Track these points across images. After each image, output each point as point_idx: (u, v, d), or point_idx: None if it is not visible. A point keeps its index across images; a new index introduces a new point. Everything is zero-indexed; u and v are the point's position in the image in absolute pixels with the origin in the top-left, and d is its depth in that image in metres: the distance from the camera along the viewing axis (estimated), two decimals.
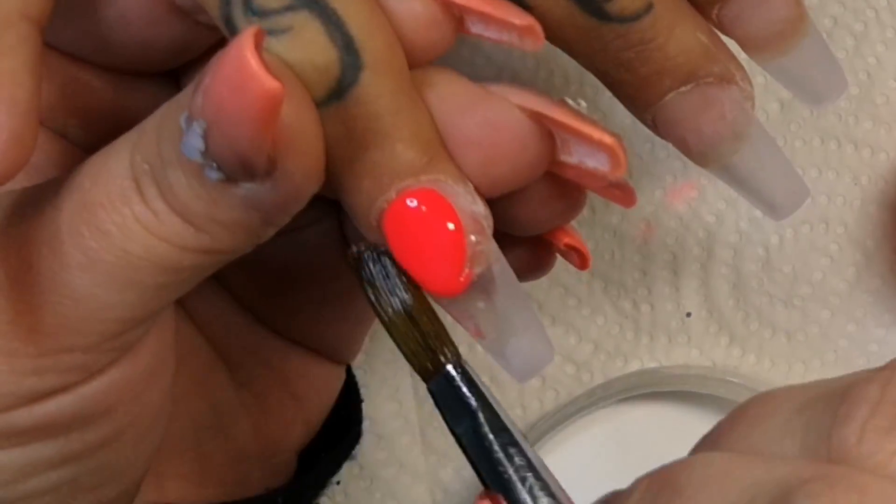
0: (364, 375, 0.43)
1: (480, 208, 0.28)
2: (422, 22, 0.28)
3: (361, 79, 0.27)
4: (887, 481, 0.22)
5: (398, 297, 0.28)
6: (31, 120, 0.26)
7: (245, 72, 0.24)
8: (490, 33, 0.29)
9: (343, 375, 0.38)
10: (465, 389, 0.28)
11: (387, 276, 0.28)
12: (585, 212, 0.41)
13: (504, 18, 0.28)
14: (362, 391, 0.43)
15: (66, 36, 0.31)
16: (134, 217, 0.26)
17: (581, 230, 0.43)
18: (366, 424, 0.43)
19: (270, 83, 0.24)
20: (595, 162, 0.27)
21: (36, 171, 0.31)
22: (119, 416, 0.29)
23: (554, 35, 0.29)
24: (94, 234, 0.27)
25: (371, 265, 0.28)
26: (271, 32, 0.26)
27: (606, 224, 0.44)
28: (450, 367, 0.28)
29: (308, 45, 0.26)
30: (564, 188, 0.30)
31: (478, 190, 0.28)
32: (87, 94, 0.32)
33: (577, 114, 0.28)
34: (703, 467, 0.24)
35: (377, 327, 0.43)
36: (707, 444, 0.26)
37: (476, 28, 0.29)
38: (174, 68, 0.33)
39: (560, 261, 0.34)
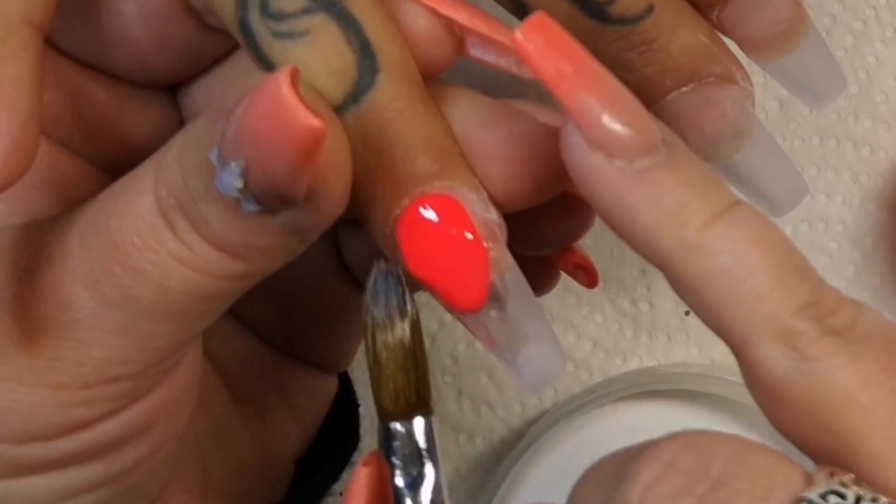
0: (363, 374, 0.43)
1: (494, 216, 0.27)
2: (424, 38, 0.28)
3: (377, 82, 0.26)
4: None
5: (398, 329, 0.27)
6: (33, 127, 0.26)
7: (285, 111, 0.23)
8: (489, 57, 0.28)
9: (336, 384, 0.38)
10: (430, 443, 0.27)
11: (392, 297, 0.27)
12: None
13: (504, 42, 0.28)
14: (361, 390, 0.43)
15: (80, 36, 0.31)
16: (168, 253, 0.26)
17: None
18: (365, 423, 0.43)
19: (314, 122, 0.23)
20: None
21: (46, 184, 0.30)
22: (156, 434, 0.29)
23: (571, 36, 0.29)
24: (129, 274, 0.26)
25: (382, 282, 0.27)
26: (289, 35, 0.26)
27: None
28: (432, 418, 0.27)
29: (326, 48, 0.26)
30: (575, 207, 0.30)
31: (497, 204, 0.28)
32: (94, 107, 0.31)
33: None
34: None
35: None
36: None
37: (475, 51, 0.29)
38: (175, 85, 0.33)
39: None
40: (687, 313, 0.44)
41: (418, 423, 0.27)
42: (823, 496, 0.22)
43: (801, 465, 0.23)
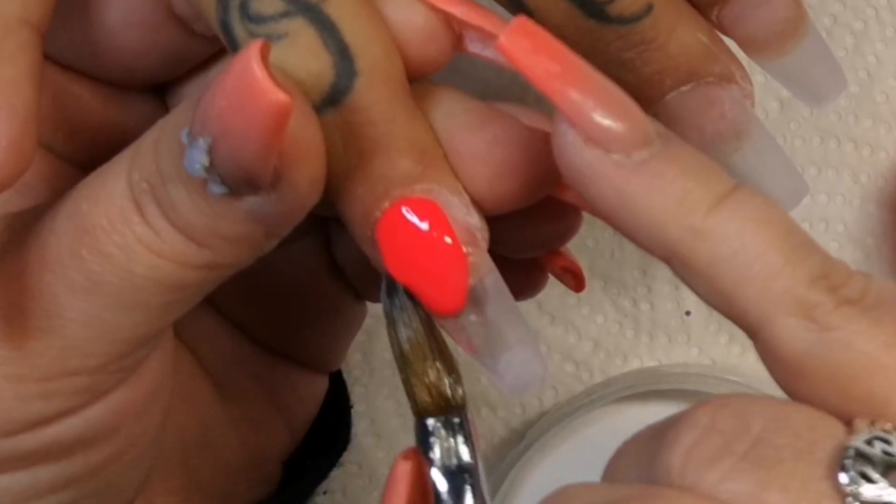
0: (362, 375, 0.43)
1: (475, 220, 0.27)
2: (421, 35, 0.28)
3: (356, 85, 0.26)
4: (703, 500, 0.22)
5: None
6: (30, 127, 0.26)
7: (253, 85, 0.23)
8: (488, 52, 0.28)
9: (326, 384, 0.38)
10: (468, 436, 0.27)
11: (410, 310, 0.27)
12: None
13: None
14: (361, 390, 0.43)
15: (63, 42, 0.31)
16: (136, 237, 0.26)
17: (581, 228, 0.43)
18: (365, 423, 0.43)
19: (279, 96, 0.23)
20: None
21: (25, 186, 0.30)
22: (122, 436, 0.29)
23: (555, 37, 0.29)
24: (96, 258, 0.26)
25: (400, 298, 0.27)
26: (267, 38, 0.26)
27: None
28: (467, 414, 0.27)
29: (303, 51, 0.26)
30: (562, 210, 0.30)
31: (482, 206, 0.28)
32: (77, 107, 0.31)
33: None
34: (559, 494, 0.24)
35: (374, 329, 0.43)
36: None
37: (474, 46, 0.29)
38: (161, 85, 0.33)
39: None
40: (688, 313, 0.44)
41: (454, 417, 0.27)
42: (868, 442, 0.22)
43: (838, 419, 0.23)
